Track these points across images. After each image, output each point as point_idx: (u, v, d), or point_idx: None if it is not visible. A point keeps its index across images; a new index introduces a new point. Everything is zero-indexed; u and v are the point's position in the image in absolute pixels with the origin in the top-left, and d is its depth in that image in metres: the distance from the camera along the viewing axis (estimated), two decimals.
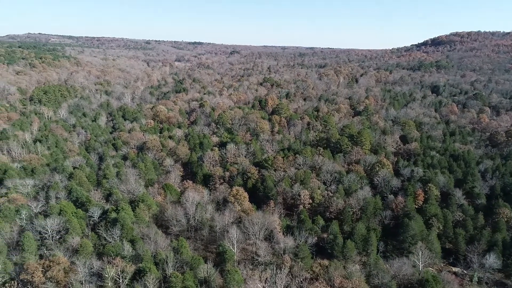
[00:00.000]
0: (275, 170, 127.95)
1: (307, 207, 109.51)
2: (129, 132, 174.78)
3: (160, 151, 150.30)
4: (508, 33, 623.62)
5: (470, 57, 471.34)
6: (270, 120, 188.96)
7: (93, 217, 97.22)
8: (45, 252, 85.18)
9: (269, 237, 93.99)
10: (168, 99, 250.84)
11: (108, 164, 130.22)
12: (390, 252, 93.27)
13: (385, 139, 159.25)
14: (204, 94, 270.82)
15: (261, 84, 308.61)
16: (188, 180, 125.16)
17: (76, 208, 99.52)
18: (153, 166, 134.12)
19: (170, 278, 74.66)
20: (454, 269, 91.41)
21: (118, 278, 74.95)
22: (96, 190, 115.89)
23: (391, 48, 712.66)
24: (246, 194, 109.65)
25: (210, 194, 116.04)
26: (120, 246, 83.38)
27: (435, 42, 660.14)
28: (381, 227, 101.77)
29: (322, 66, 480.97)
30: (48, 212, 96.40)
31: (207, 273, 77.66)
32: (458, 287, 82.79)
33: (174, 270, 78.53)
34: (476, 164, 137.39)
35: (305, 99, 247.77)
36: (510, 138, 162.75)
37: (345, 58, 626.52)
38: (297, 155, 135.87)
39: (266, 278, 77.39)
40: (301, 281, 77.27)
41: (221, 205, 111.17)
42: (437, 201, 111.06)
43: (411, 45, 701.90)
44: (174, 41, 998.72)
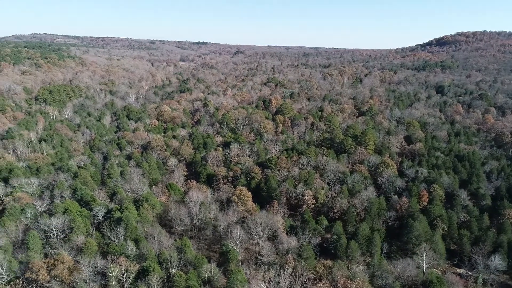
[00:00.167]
0: (278, 170, 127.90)
1: (310, 207, 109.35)
2: (133, 132, 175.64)
3: (164, 150, 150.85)
4: None
5: (476, 57, 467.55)
6: (274, 120, 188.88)
7: (98, 216, 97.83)
8: (50, 250, 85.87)
9: (273, 237, 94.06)
10: (172, 99, 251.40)
11: (112, 164, 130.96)
12: (394, 253, 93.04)
13: (390, 140, 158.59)
14: (208, 94, 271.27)
15: (265, 84, 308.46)
16: (192, 180, 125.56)
17: (81, 207, 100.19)
18: (157, 165, 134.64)
19: (174, 277, 75.01)
20: (459, 270, 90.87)
21: (122, 277, 75.33)
22: (101, 189, 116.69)
23: (395, 48, 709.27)
24: (249, 194, 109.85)
25: (213, 194, 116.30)
26: (124, 245, 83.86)
27: (440, 42, 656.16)
28: (385, 228, 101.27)
29: (326, 66, 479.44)
30: (53, 211, 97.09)
31: (211, 272, 77.86)
32: None
33: (177, 269, 78.84)
34: (481, 165, 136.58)
35: (309, 99, 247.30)
36: None
37: (349, 58, 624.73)
38: (301, 155, 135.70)
39: (270, 278, 77.37)
40: (304, 281, 77.24)
41: (224, 205, 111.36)
42: (442, 202, 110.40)
43: (416, 45, 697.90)
44: (179, 41, 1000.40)
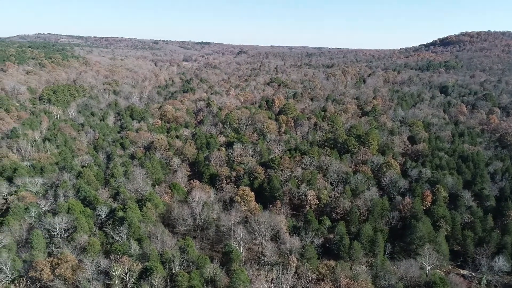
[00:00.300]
0: (281, 170, 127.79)
1: (313, 207, 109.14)
2: (136, 132, 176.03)
3: (167, 150, 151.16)
4: None
5: (480, 57, 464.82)
6: (277, 120, 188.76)
7: (101, 216, 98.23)
8: (54, 250, 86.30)
9: (275, 237, 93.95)
10: (176, 99, 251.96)
11: (115, 163, 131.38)
12: (397, 254, 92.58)
13: (393, 140, 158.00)
14: (211, 94, 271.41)
15: (268, 84, 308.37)
16: (195, 180, 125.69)
17: (84, 207, 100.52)
18: (160, 165, 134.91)
19: (177, 277, 75.15)
20: (462, 271, 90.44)
21: (125, 276, 75.53)
22: (104, 188, 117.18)
23: (399, 48, 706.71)
24: (252, 194, 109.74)
25: (216, 194, 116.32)
26: (127, 245, 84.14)
27: (444, 42, 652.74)
28: (388, 228, 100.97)
29: (329, 66, 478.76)
30: (56, 210, 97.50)
31: (213, 272, 77.83)
32: None
33: (180, 269, 78.95)
34: (485, 166, 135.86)
35: (312, 99, 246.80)
36: None
37: (352, 58, 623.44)
38: (304, 155, 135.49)
39: (272, 278, 77.27)
40: (307, 281, 77.12)
41: (227, 204, 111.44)
42: (445, 203, 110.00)
43: (420, 45, 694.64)
44: (182, 41, 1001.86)
